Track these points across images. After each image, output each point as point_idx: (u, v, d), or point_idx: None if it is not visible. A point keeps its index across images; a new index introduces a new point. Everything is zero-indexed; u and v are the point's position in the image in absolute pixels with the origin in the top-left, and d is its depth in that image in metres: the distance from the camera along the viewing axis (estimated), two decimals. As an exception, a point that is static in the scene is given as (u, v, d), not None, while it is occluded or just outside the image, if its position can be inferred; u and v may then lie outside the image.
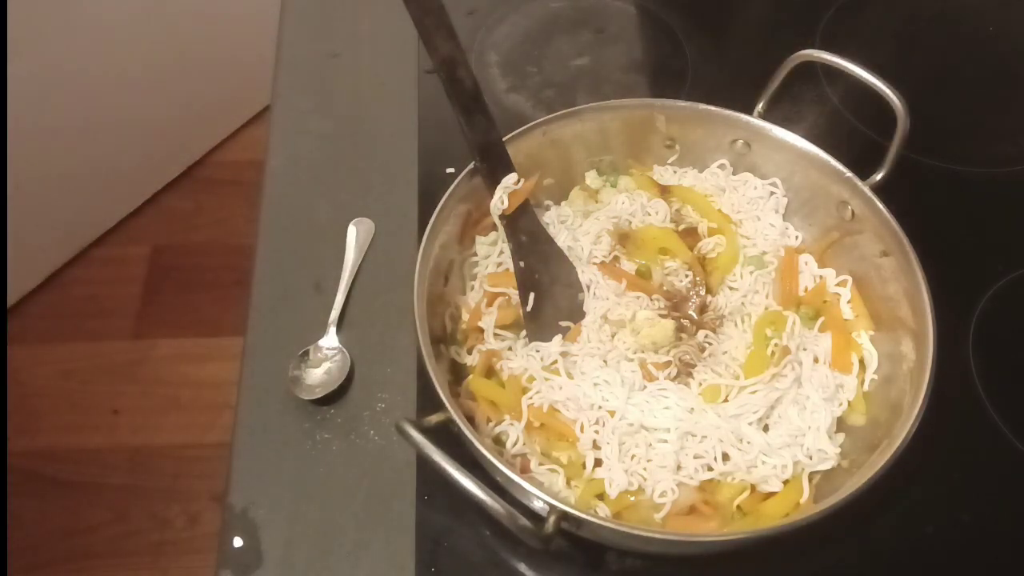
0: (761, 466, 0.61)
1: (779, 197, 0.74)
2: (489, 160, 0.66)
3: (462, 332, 0.68)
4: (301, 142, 0.84)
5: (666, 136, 0.75)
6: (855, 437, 0.63)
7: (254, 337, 0.71)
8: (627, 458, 0.61)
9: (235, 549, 0.61)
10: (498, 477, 0.56)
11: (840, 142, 0.71)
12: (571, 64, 0.92)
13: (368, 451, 0.66)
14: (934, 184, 0.83)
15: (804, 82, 0.72)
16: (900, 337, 0.64)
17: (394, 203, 0.78)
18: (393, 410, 0.67)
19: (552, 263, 0.69)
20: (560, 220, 0.73)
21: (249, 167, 1.87)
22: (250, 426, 0.67)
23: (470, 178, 0.68)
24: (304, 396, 0.67)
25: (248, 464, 0.65)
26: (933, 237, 0.65)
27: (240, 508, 0.63)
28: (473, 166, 0.67)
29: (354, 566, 0.61)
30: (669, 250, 0.71)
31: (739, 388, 0.63)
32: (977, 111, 0.91)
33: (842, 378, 0.65)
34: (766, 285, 0.70)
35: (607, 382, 0.62)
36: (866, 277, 0.69)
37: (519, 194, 0.67)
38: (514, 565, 0.62)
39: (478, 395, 0.64)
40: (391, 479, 0.64)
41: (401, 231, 0.76)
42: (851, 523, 0.56)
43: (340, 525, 0.63)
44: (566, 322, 0.67)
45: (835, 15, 0.97)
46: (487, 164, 0.66)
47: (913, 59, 0.94)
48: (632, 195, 0.74)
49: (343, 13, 0.94)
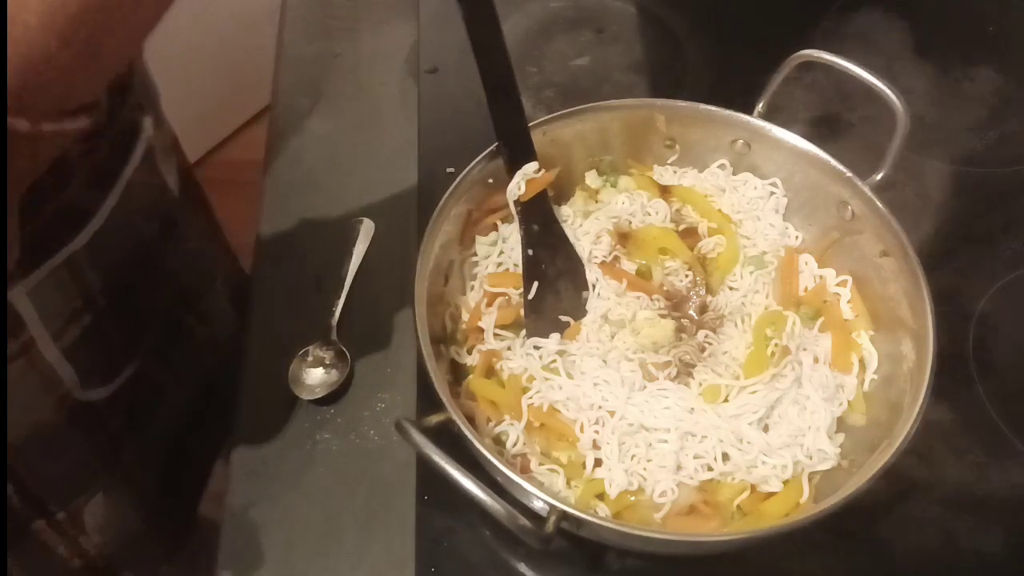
0: (761, 466, 0.61)
1: (779, 197, 0.74)
2: (512, 145, 0.66)
3: (462, 332, 0.68)
4: (301, 142, 0.84)
5: (666, 136, 0.75)
6: (855, 437, 0.63)
7: (254, 337, 0.71)
8: (627, 458, 0.61)
9: (235, 549, 0.61)
10: (498, 477, 0.56)
11: (840, 142, 0.71)
12: (571, 64, 0.92)
13: (368, 451, 0.66)
14: (934, 184, 0.83)
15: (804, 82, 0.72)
16: (900, 337, 0.64)
17: (394, 203, 0.78)
18: (393, 410, 0.67)
19: (560, 256, 0.69)
20: (560, 220, 0.73)
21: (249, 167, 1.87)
22: (250, 426, 0.67)
23: (471, 176, 0.68)
24: (304, 396, 0.67)
25: (248, 464, 0.65)
26: (933, 237, 0.65)
27: (240, 508, 0.63)
28: (495, 148, 0.67)
29: (354, 566, 0.61)
30: (669, 250, 0.71)
31: (739, 388, 0.63)
32: (977, 111, 0.91)
33: (842, 378, 0.65)
34: (766, 285, 0.70)
35: (607, 382, 0.62)
36: (866, 277, 0.69)
37: (537, 183, 0.67)
38: (514, 565, 0.62)
39: (478, 395, 0.64)
40: (391, 479, 0.64)
41: (401, 231, 0.76)
42: (851, 523, 0.56)
43: (340, 525, 0.63)
44: (566, 317, 0.67)
45: (835, 15, 0.97)
46: (509, 149, 0.66)
47: (913, 59, 0.94)
48: (632, 195, 0.74)
49: (343, 13, 0.94)
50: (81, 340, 0.65)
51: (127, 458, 0.74)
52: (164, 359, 0.77)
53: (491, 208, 0.72)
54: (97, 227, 0.63)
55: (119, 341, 0.70)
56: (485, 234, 0.72)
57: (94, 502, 0.72)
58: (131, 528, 0.77)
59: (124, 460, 0.74)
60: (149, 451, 0.77)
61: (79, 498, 0.71)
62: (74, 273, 0.63)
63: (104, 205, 0.64)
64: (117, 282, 0.68)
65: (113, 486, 0.74)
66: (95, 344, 0.66)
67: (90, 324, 0.66)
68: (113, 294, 0.67)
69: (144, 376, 0.74)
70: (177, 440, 0.82)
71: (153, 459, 0.78)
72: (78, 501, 0.71)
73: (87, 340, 0.65)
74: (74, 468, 0.70)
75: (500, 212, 0.73)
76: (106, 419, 0.70)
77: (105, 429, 0.71)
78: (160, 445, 0.79)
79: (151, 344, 0.75)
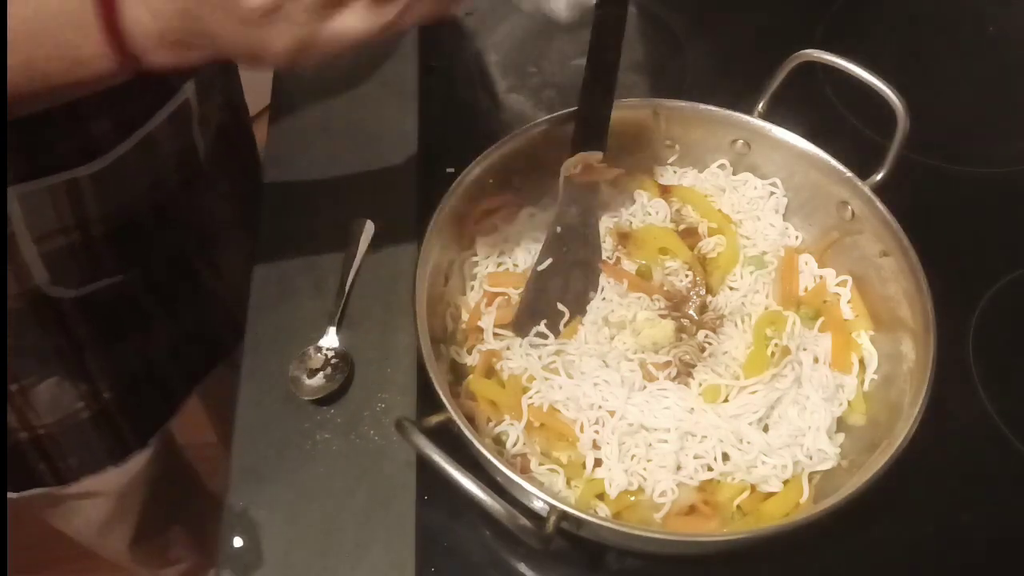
0: (761, 466, 0.61)
1: (779, 197, 0.74)
2: (588, 128, 0.67)
3: (462, 332, 0.68)
4: (301, 142, 0.84)
5: (666, 136, 0.75)
6: (855, 437, 0.63)
7: (254, 337, 0.71)
8: (627, 458, 0.61)
9: (235, 549, 0.61)
10: (498, 477, 0.56)
11: (840, 142, 0.71)
12: (571, 64, 0.92)
13: (368, 451, 0.66)
14: (934, 184, 0.83)
15: (804, 82, 0.72)
16: (900, 337, 0.64)
17: (394, 203, 0.78)
18: (393, 410, 0.67)
19: (584, 248, 0.70)
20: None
21: (249, 167, 1.86)
22: (250, 426, 0.67)
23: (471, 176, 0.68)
24: (304, 396, 0.67)
25: (248, 464, 0.65)
26: (933, 237, 0.65)
27: (240, 508, 0.63)
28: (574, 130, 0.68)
29: (354, 566, 0.61)
30: (669, 250, 0.71)
31: (739, 388, 0.63)
32: (977, 111, 0.91)
33: (842, 378, 0.65)
34: (766, 285, 0.70)
35: (607, 382, 0.62)
36: (866, 277, 0.69)
37: (594, 170, 0.67)
38: (514, 565, 0.62)
39: (478, 395, 0.64)
40: (391, 479, 0.64)
41: (401, 231, 0.76)
42: (851, 523, 0.56)
43: (340, 525, 0.63)
44: (564, 307, 0.67)
45: (835, 15, 0.97)
46: (584, 130, 0.67)
47: (913, 59, 0.94)
48: (632, 195, 0.74)
49: (343, 13, 0.93)
50: (65, 251, 0.69)
51: (88, 357, 0.78)
52: (157, 289, 0.80)
53: (491, 208, 0.72)
54: (104, 165, 0.66)
55: (108, 263, 0.73)
56: (485, 234, 0.72)
57: (46, 384, 0.77)
58: (80, 421, 0.81)
59: (85, 359, 0.78)
60: (114, 361, 0.80)
61: (30, 377, 0.75)
62: (73, 196, 0.66)
63: (117, 149, 0.66)
64: (120, 215, 0.70)
65: (67, 377, 0.78)
66: (78, 259, 0.70)
67: (78, 241, 0.69)
68: (112, 224, 0.70)
69: (128, 296, 0.77)
70: (153, 364, 0.85)
71: (117, 369, 0.81)
72: (29, 379, 0.76)
73: (72, 254, 0.69)
74: (28, 349, 0.74)
75: (500, 212, 0.73)
76: (67, 316, 0.74)
77: (64, 324, 0.74)
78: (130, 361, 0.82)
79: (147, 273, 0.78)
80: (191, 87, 0.71)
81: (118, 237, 0.71)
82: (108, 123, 0.65)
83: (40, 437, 0.80)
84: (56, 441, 0.81)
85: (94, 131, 0.64)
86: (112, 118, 0.65)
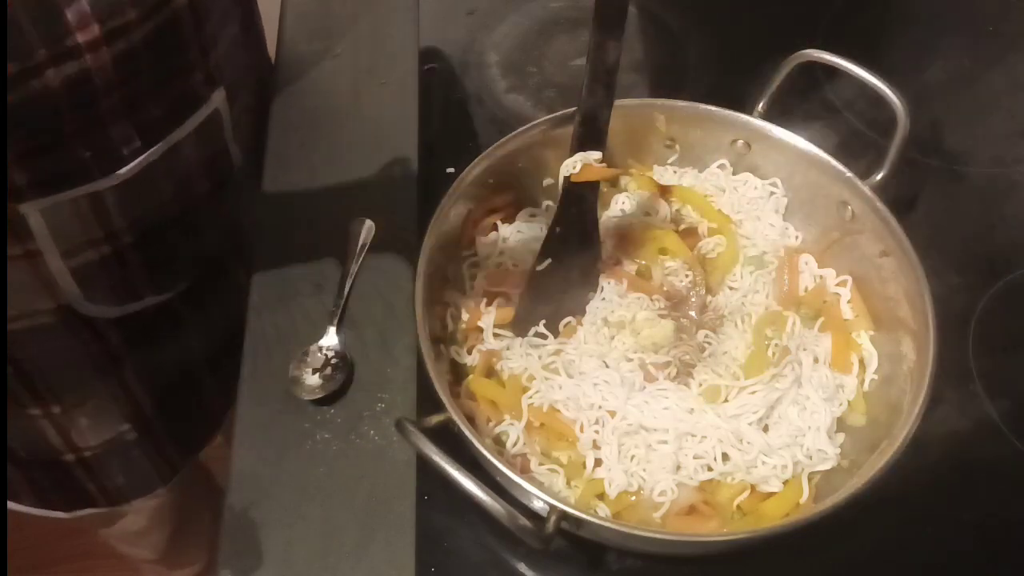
0: (761, 466, 0.61)
1: (779, 197, 0.74)
2: (589, 129, 0.66)
3: (462, 332, 0.68)
4: (301, 142, 0.84)
5: (666, 136, 0.76)
6: (855, 437, 0.63)
7: (254, 337, 0.71)
8: (627, 458, 0.61)
9: (235, 549, 0.61)
10: (498, 477, 0.56)
11: (840, 142, 0.72)
12: (571, 64, 0.92)
13: (368, 451, 0.66)
14: (934, 184, 0.83)
15: (804, 82, 0.72)
16: (900, 337, 0.64)
17: (394, 203, 0.78)
18: (393, 410, 0.67)
19: (583, 249, 0.69)
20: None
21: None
22: (250, 426, 0.67)
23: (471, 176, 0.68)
24: (304, 396, 0.67)
25: (248, 464, 0.65)
26: (933, 237, 0.65)
27: (240, 508, 0.63)
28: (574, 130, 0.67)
29: (354, 566, 0.61)
30: (669, 250, 0.71)
31: (739, 388, 0.63)
32: (977, 111, 0.91)
33: (842, 378, 0.65)
34: (766, 285, 0.70)
35: (607, 382, 0.62)
36: (866, 277, 0.69)
37: (593, 171, 0.67)
38: (514, 565, 0.62)
39: (478, 395, 0.64)
40: (391, 479, 0.64)
41: (401, 231, 0.76)
42: (851, 523, 0.56)
43: (340, 525, 0.63)
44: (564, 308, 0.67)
45: (835, 15, 0.97)
46: (584, 130, 0.66)
47: (913, 59, 0.94)
48: (632, 195, 0.74)
49: (343, 13, 0.94)
50: (97, 265, 0.68)
51: (126, 371, 0.78)
52: (195, 298, 0.80)
53: (491, 208, 0.72)
54: (129, 176, 0.65)
55: (142, 275, 0.73)
56: (485, 234, 0.72)
57: (90, 405, 0.77)
58: (124, 441, 0.81)
59: (124, 372, 0.78)
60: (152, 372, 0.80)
61: (72, 396, 0.75)
62: (97, 208, 0.65)
63: (140, 159, 0.66)
64: (148, 225, 0.70)
65: (109, 395, 0.78)
66: (111, 271, 0.70)
67: (110, 254, 0.69)
68: (141, 234, 0.70)
69: (165, 307, 0.77)
70: (192, 377, 0.85)
71: (156, 381, 0.81)
72: (71, 399, 0.75)
73: (104, 266, 0.69)
74: (67, 368, 0.74)
75: (500, 212, 0.73)
76: (105, 335, 0.74)
77: (103, 343, 0.74)
78: (168, 372, 0.82)
79: (182, 282, 0.78)
80: (220, 95, 0.71)
81: (149, 247, 0.71)
82: (126, 132, 0.64)
83: (86, 459, 0.80)
84: (103, 463, 0.81)
85: (110, 142, 0.63)
86: (133, 127, 0.64)
